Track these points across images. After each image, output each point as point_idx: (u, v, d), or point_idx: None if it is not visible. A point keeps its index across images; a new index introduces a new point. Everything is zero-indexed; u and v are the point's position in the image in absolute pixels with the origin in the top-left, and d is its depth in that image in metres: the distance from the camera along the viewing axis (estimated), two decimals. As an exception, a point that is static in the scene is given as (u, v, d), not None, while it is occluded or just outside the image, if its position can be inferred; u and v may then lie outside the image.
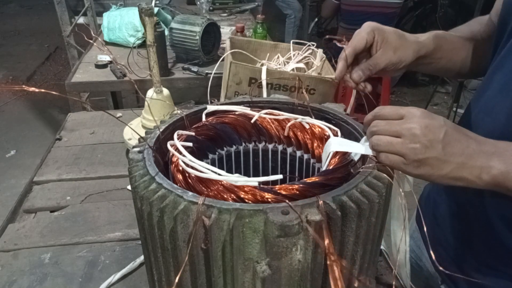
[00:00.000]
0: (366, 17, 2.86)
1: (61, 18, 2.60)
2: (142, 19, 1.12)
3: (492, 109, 0.65)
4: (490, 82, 0.68)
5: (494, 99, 0.66)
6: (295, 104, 0.76)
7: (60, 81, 3.93)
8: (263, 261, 0.48)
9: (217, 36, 1.96)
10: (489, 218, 0.68)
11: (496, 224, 0.68)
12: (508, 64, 0.64)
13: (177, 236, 0.50)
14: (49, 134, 3.25)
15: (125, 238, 0.94)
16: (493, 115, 0.64)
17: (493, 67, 0.68)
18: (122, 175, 1.16)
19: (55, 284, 0.82)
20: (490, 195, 0.66)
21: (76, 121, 1.48)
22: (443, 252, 0.79)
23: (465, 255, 0.76)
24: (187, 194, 0.50)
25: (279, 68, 1.28)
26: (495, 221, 0.68)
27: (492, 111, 0.65)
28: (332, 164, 0.61)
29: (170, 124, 0.69)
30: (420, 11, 4.32)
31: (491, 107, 0.66)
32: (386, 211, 0.58)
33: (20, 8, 7.04)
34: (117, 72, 1.85)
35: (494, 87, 0.67)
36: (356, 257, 0.54)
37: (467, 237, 0.75)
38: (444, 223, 0.79)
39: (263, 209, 0.46)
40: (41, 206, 1.05)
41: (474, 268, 0.74)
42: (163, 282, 0.58)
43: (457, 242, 0.77)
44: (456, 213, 0.77)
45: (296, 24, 4.26)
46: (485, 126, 0.66)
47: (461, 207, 0.75)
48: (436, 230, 0.80)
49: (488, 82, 0.69)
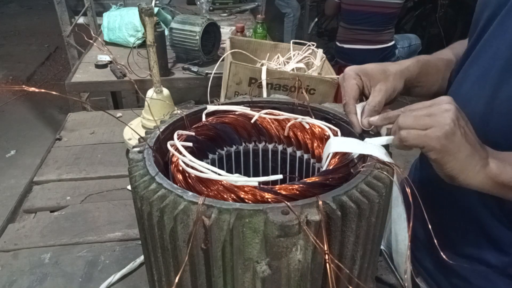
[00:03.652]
0: (366, 17, 2.87)
1: (61, 18, 2.60)
2: (142, 19, 1.12)
3: (470, 101, 0.66)
4: (466, 76, 0.70)
5: (471, 91, 0.67)
6: (295, 104, 0.76)
7: (60, 81, 3.93)
8: (263, 261, 0.48)
9: (217, 36, 1.96)
10: (472, 206, 0.69)
11: (480, 212, 0.69)
12: (483, 57, 0.67)
13: (177, 236, 0.50)
14: (49, 134, 3.25)
15: (125, 238, 0.94)
16: (471, 107, 0.65)
17: (469, 61, 0.70)
18: (122, 175, 1.16)
19: (55, 284, 0.82)
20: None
21: (76, 121, 1.48)
22: (419, 243, 0.80)
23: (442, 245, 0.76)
24: (187, 194, 0.50)
25: (279, 68, 1.28)
26: (478, 209, 0.69)
27: (470, 103, 0.66)
28: (332, 164, 0.61)
29: (170, 124, 0.69)
30: (420, 11, 4.32)
31: (468, 99, 0.67)
32: (386, 211, 0.58)
33: (20, 8, 7.04)
34: (117, 72, 1.85)
35: (470, 80, 0.69)
36: (356, 257, 0.54)
37: (445, 226, 0.75)
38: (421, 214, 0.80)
39: (263, 209, 0.46)
40: (41, 206, 1.05)
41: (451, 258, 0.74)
42: (163, 282, 0.58)
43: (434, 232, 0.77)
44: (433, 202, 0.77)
45: (295, 23, 4.26)
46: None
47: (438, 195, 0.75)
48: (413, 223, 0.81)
49: (464, 76, 0.71)
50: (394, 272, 0.84)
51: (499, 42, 0.64)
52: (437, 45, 4.06)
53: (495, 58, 0.64)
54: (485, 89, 0.65)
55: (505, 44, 0.63)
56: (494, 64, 0.64)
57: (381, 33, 2.94)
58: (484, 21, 0.68)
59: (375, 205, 0.51)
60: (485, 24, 0.68)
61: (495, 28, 0.66)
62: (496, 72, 0.63)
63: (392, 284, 0.82)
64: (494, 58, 0.64)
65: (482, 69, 0.67)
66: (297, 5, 4.23)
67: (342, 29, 3.06)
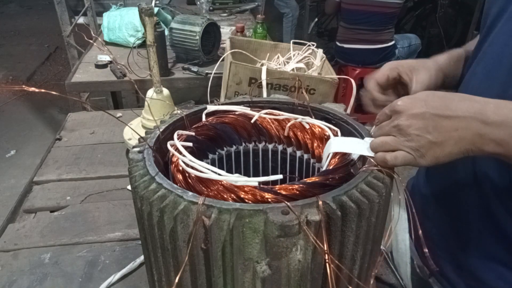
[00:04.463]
0: (366, 17, 2.87)
1: (61, 18, 2.60)
2: (142, 19, 1.12)
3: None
4: (473, 74, 0.70)
5: (479, 89, 0.67)
6: (295, 104, 0.76)
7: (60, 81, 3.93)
8: (263, 261, 0.48)
9: (217, 36, 1.96)
10: (487, 204, 0.68)
11: (495, 210, 0.67)
12: (489, 54, 0.67)
13: (177, 236, 0.50)
14: (49, 134, 3.25)
15: (125, 238, 0.94)
16: None
17: (477, 58, 0.70)
18: (122, 175, 1.16)
19: (55, 284, 0.82)
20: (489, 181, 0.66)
21: (76, 121, 1.48)
22: (432, 244, 0.79)
23: (457, 245, 0.75)
24: (187, 194, 0.50)
25: (279, 68, 1.28)
26: (493, 207, 0.67)
27: None
28: (332, 164, 0.61)
29: (170, 124, 0.69)
30: (420, 11, 4.32)
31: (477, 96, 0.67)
32: (386, 211, 0.58)
33: (20, 8, 7.04)
34: (117, 72, 1.85)
35: (478, 77, 0.68)
36: (356, 257, 0.54)
37: (460, 226, 0.74)
38: (434, 215, 0.79)
39: (263, 209, 0.46)
40: (41, 206, 1.05)
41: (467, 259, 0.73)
42: (163, 282, 0.58)
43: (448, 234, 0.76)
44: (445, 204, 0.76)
45: (294, 23, 4.26)
46: None
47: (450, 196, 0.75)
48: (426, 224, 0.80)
49: (472, 73, 0.71)
50: (394, 272, 0.84)
51: (507, 39, 0.63)
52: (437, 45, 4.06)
53: (503, 55, 0.63)
54: (493, 87, 0.64)
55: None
56: (502, 62, 0.63)
57: (381, 33, 2.93)
58: (492, 17, 0.68)
59: (375, 205, 0.51)
60: (493, 21, 0.67)
61: (503, 24, 0.65)
62: (504, 69, 0.63)
63: (392, 284, 0.82)
64: (502, 56, 0.64)
65: (490, 66, 0.66)
66: (296, 5, 4.23)
67: (342, 28, 3.06)
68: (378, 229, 0.56)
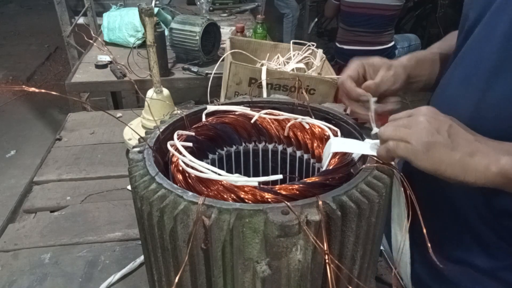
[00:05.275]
0: (366, 19, 2.86)
1: (61, 18, 2.60)
2: (142, 19, 1.12)
3: (456, 103, 0.66)
4: (451, 78, 0.70)
5: (457, 93, 0.67)
6: (295, 104, 0.76)
7: (60, 81, 3.92)
8: (263, 261, 0.48)
9: (217, 36, 1.97)
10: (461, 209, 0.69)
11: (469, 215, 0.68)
12: (468, 58, 0.67)
13: (177, 236, 0.50)
14: (49, 134, 3.25)
15: (125, 238, 0.94)
16: (458, 109, 0.64)
17: (454, 63, 0.70)
18: (122, 175, 1.16)
19: (55, 284, 0.82)
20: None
21: (76, 121, 1.48)
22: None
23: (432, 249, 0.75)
24: (187, 194, 0.50)
25: (279, 68, 1.28)
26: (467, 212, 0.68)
27: (456, 105, 0.66)
28: (332, 164, 0.61)
29: (170, 124, 0.69)
30: (420, 11, 4.32)
31: (454, 101, 0.67)
32: (386, 211, 0.58)
33: (20, 8, 7.04)
34: (117, 72, 1.85)
35: (456, 82, 0.68)
36: (356, 257, 0.54)
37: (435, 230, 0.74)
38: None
39: (263, 209, 0.46)
40: (41, 206, 1.05)
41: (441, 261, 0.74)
42: (163, 282, 0.58)
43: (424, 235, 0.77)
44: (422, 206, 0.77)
45: (294, 24, 4.26)
46: None
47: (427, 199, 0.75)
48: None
49: (450, 78, 0.71)
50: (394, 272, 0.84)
51: (484, 45, 0.63)
52: (437, 45, 4.06)
53: (480, 61, 0.63)
54: (471, 93, 0.64)
55: (490, 48, 0.61)
56: (479, 67, 0.63)
57: (381, 34, 2.93)
58: (470, 22, 0.67)
59: (375, 205, 0.51)
60: (471, 26, 0.67)
61: (480, 30, 0.64)
62: (482, 76, 0.62)
63: (392, 284, 0.82)
64: (479, 61, 0.63)
65: (466, 71, 0.66)
66: (296, 6, 4.23)
67: (341, 30, 3.06)
68: (378, 229, 0.56)
